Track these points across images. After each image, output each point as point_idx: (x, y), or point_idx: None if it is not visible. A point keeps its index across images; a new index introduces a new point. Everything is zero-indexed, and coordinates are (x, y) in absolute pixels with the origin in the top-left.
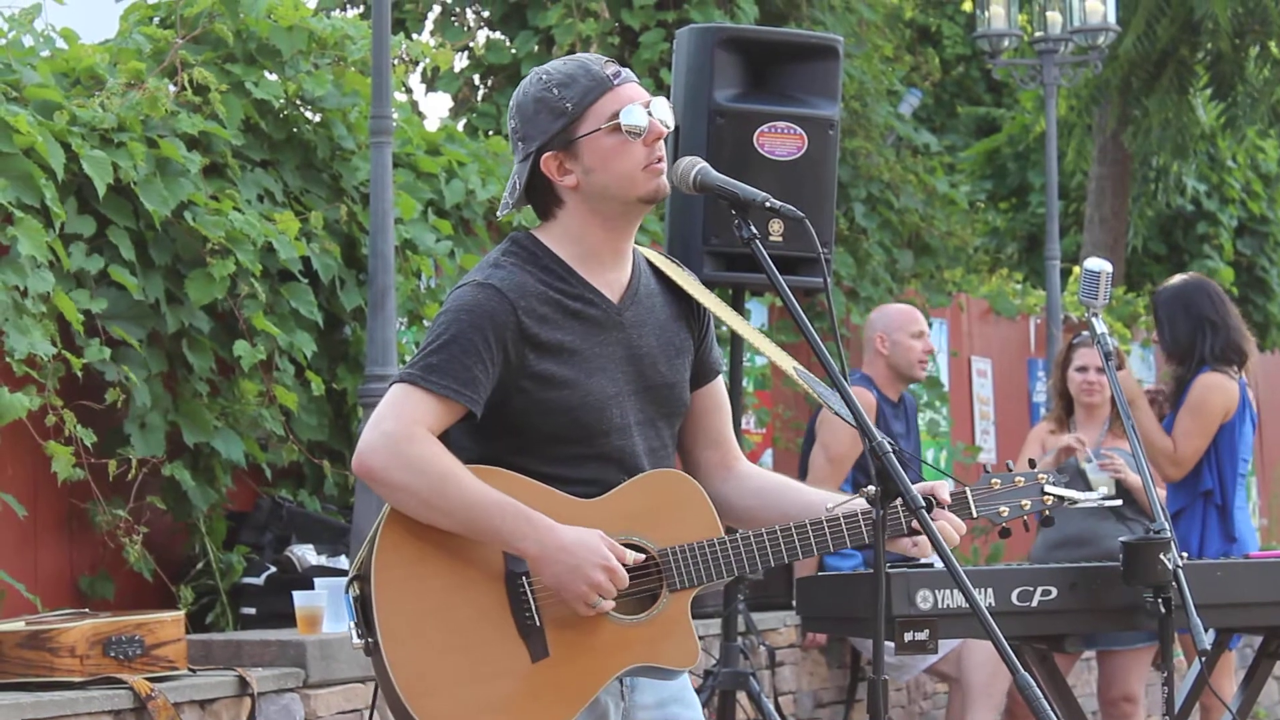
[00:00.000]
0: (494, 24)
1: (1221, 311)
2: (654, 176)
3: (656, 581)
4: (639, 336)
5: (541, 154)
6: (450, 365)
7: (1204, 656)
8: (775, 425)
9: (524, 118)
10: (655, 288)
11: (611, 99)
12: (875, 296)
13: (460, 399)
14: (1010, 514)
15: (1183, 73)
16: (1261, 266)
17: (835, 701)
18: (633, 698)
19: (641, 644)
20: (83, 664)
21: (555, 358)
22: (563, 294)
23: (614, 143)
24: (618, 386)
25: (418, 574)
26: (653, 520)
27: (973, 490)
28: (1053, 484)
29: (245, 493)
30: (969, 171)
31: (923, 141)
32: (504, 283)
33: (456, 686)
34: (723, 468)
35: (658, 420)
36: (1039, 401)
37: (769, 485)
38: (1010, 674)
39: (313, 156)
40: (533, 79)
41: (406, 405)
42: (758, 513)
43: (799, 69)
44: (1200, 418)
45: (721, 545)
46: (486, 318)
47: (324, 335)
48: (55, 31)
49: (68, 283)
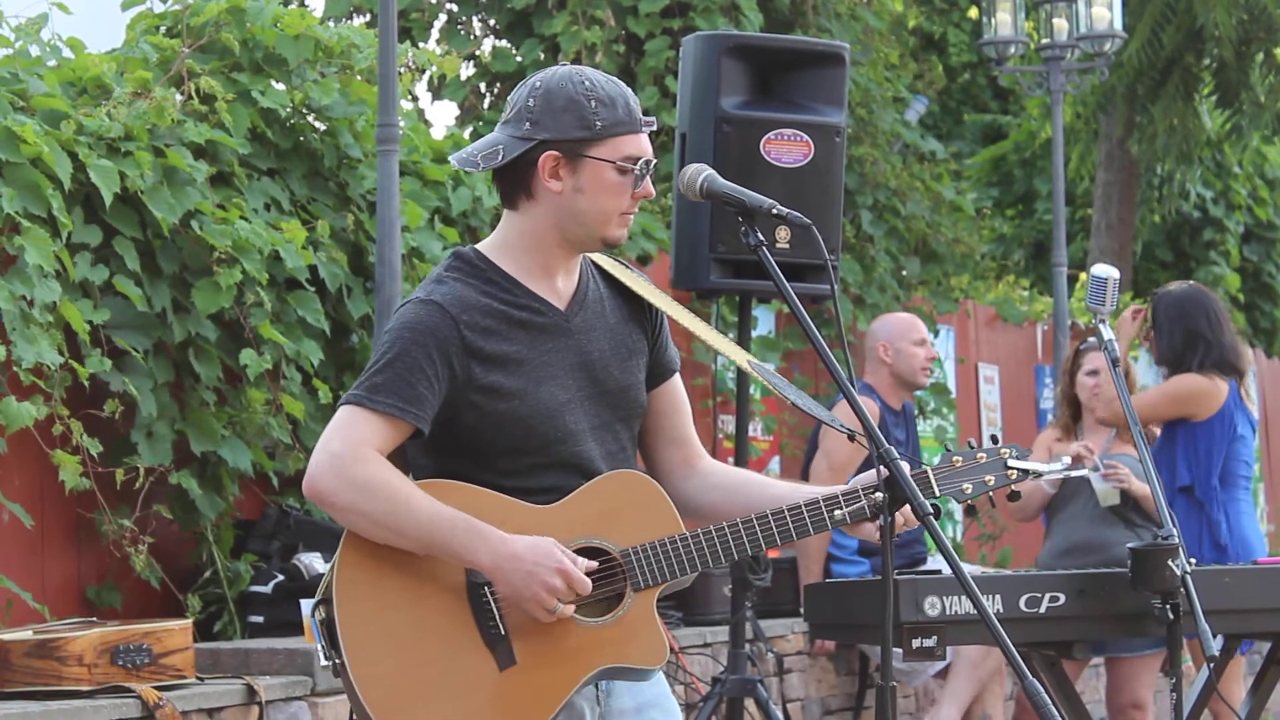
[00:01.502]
0: (500, 32)
1: (1216, 328)
2: (623, 225)
3: (621, 582)
4: (589, 342)
5: (545, 148)
6: (394, 384)
7: (1212, 663)
8: (782, 432)
9: (550, 106)
10: (604, 291)
11: (634, 142)
12: (882, 303)
13: (406, 417)
14: (974, 491)
15: (1188, 80)
16: (1268, 272)
17: (844, 708)
18: (609, 702)
19: (609, 645)
20: (90, 673)
21: (502, 369)
22: (507, 304)
23: (614, 180)
24: (569, 393)
25: (380, 592)
26: (613, 522)
27: (935, 470)
28: (1016, 458)
29: (252, 501)
30: (975, 178)
31: (929, 149)
32: (445, 298)
33: (426, 700)
34: (685, 466)
35: (614, 424)
36: (1046, 408)
37: (731, 480)
38: (1018, 678)
39: (319, 165)
40: (574, 76)
41: (352, 426)
42: (721, 507)
43: (805, 76)
44: (1164, 394)
45: (683, 541)
46: (429, 334)
47: (331, 344)
48: (62, 41)
49: (74, 292)
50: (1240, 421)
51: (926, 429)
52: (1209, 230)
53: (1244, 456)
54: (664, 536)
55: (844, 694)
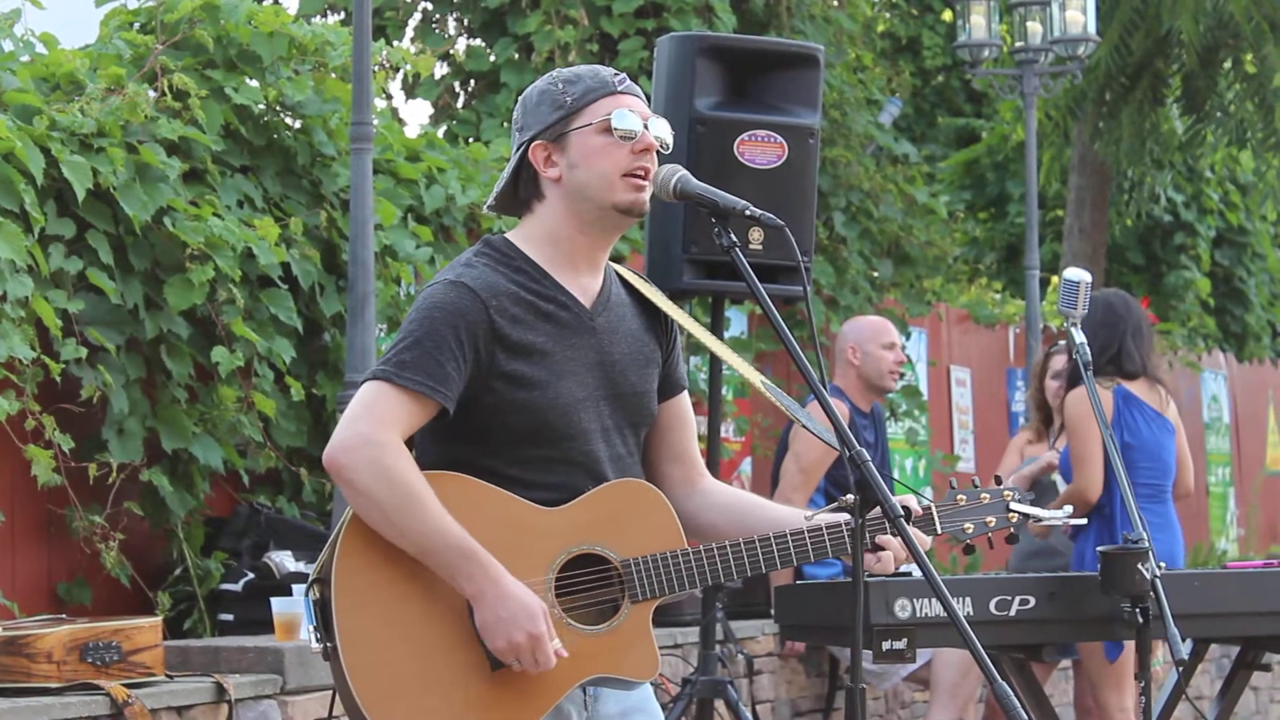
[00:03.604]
0: (474, 31)
1: (1101, 324)
2: (633, 188)
3: (618, 592)
4: (610, 343)
5: (532, 144)
6: (422, 362)
7: (1181, 666)
8: (754, 434)
9: (526, 109)
10: (625, 298)
11: (610, 101)
12: (855, 305)
13: (434, 395)
14: (975, 531)
15: (1157, 85)
16: (1239, 277)
17: (813, 710)
18: (596, 707)
19: (602, 654)
20: (60, 670)
21: (526, 358)
22: (535, 295)
23: (601, 142)
24: (587, 391)
25: (379, 579)
26: (616, 530)
27: (938, 507)
28: (1018, 501)
29: (223, 499)
30: (948, 181)
31: (902, 151)
32: (476, 281)
33: (416, 694)
34: (687, 483)
35: (625, 428)
36: (1018, 411)
37: (733, 502)
38: (988, 682)
39: (293, 163)
40: (547, 76)
41: (380, 403)
42: (722, 528)
43: (780, 78)
44: (1078, 436)
45: (685, 557)
46: (459, 315)
47: (303, 341)
48: (35, 36)
49: (46, 286)
50: (1137, 428)
51: (898, 431)
52: (1180, 234)
53: (1141, 462)
54: (666, 550)
55: (814, 695)
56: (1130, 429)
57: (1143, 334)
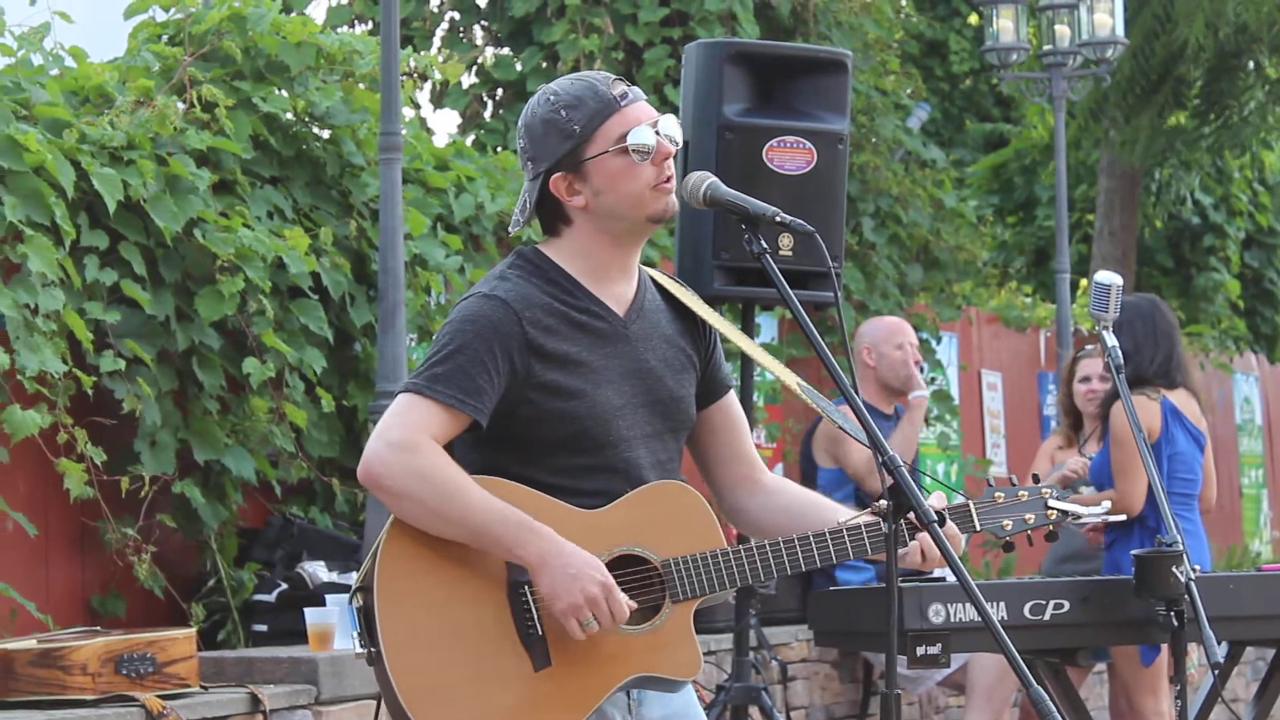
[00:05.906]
0: (501, 40)
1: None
2: (662, 196)
3: (659, 592)
4: (645, 349)
5: (551, 175)
6: (456, 375)
7: (1216, 670)
8: (785, 439)
9: (533, 138)
10: (660, 304)
11: (619, 120)
12: (885, 310)
13: (465, 409)
14: (1014, 528)
15: (1179, 89)
16: (1269, 279)
17: (848, 716)
18: (640, 711)
19: (643, 654)
20: (94, 682)
21: (562, 369)
22: (569, 306)
23: (622, 164)
24: (624, 398)
25: (421, 585)
26: (656, 531)
27: (976, 504)
28: (1056, 499)
29: (256, 510)
30: (976, 185)
31: (930, 156)
32: (510, 294)
33: (459, 696)
34: (749, 482)
35: (664, 433)
36: (1049, 414)
37: (796, 503)
38: (1022, 686)
39: (322, 173)
40: (541, 99)
41: (412, 414)
42: (785, 526)
43: (808, 83)
44: (1124, 447)
45: (724, 556)
46: (492, 329)
47: (334, 352)
48: (64, 50)
49: (77, 299)
50: (1178, 437)
51: (929, 435)
52: (1210, 236)
53: (1180, 473)
54: (706, 550)
55: (848, 701)
56: (1171, 440)
57: (1178, 343)
